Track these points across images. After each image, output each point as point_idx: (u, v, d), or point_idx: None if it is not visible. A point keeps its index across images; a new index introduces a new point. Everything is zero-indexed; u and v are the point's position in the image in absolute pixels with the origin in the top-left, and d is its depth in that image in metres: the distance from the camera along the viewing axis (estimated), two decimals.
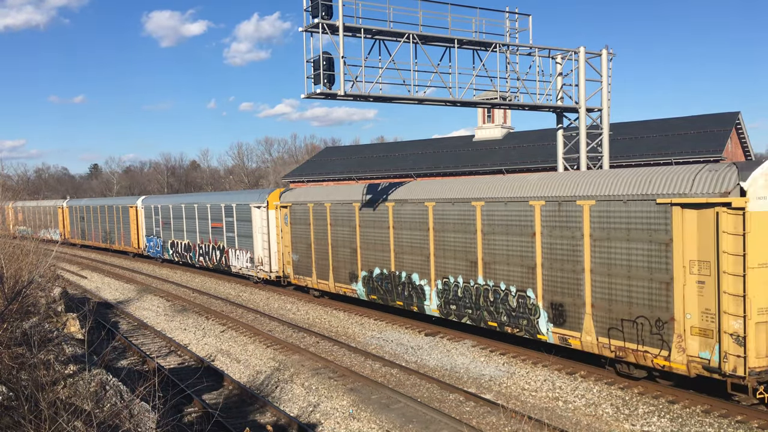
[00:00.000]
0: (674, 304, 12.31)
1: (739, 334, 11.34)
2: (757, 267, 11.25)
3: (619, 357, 13.49)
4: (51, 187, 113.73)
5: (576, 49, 20.53)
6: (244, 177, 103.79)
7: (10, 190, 55.02)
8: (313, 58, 16.60)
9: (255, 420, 12.79)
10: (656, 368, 12.86)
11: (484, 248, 16.56)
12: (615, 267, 13.38)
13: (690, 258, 12.08)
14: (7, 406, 8.63)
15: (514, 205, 15.62)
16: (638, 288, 12.97)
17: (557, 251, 14.66)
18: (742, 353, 11.31)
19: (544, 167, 37.84)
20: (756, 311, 11.26)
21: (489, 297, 16.58)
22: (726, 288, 11.48)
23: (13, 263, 16.33)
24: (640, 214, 12.81)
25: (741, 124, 39.94)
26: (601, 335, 13.75)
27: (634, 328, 13.09)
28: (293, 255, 25.49)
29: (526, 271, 15.48)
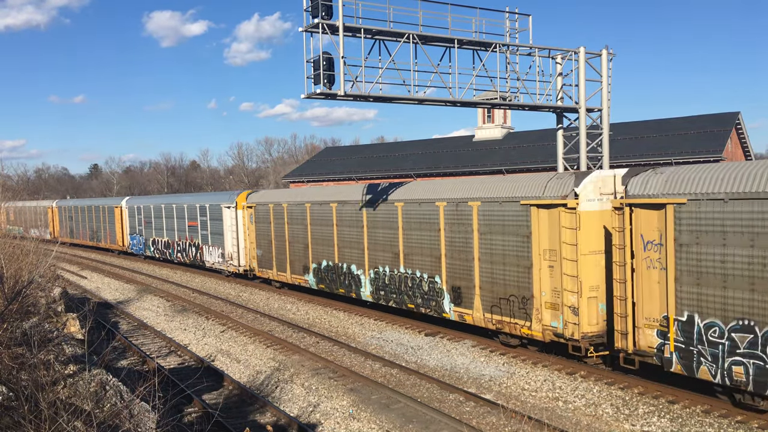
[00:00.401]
0: (533, 285, 15.34)
1: (575, 306, 14.34)
2: (587, 254, 14.22)
3: (498, 329, 16.51)
4: (51, 188, 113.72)
5: (576, 49, 20.52)
6: (244, 177, 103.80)
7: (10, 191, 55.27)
8: (313, 58, 16.59)
9: (255, 420, 12.79)
10: (524, 336, 15.85)
11: (405, 242, 19.57)
12: (495, 256, 16.46)
13: (543, 247, 15.11)
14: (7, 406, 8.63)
15: (426, 205, 18.59)
16: (510, 272, 16.03)
17: (456, 244, 17.67)
18: (577, 321, 14.30)
19: (544, 167, 37.85)
20: (587, 289, 14.27)
21: (408, 283, 19.51)
22: (565, 271, 14.50)
23: (13, 263, 16.33)
24: (511, 213, 15.89)
25: (741, 124, 39.95)
26: (486, 312, 16.80)
27: (508, 305, 16.16)
28: (257, 250, 28.13)
29: (434, 261, 18.43)
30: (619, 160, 33.97)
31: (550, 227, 14.91)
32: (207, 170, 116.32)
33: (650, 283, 12.77)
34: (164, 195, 53.55)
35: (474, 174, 43.45)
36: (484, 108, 47.44)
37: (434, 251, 18.36)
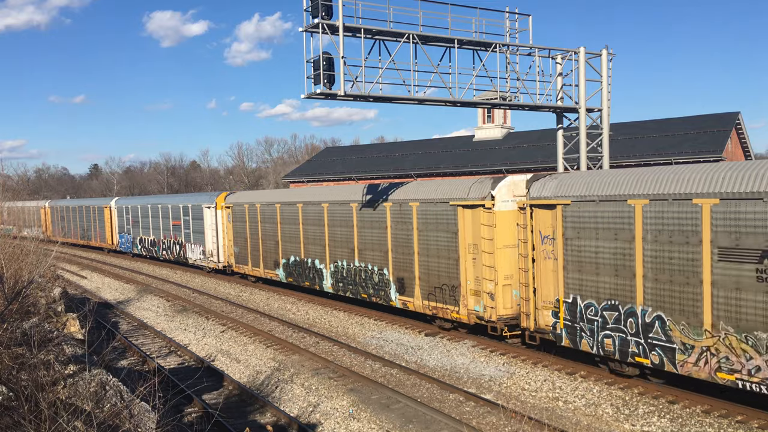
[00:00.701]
0: (460, 275, 17.61)
1: (492, 292, 16.62)
2: (502, 248, 16.47)
3: (434, 314, 18.73)
4: (51, 188, 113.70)
5: (576, 49, 20.53)
6: (244, 177, 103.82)
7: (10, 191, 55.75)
8: (313, 58, 16.59)
9: (255, 420, 12.79)
10: (454, 320, 18.15)
11: (359, 239, 21.63)
12: (430, 250, 18.70)
13: (468, 242, 17.37)
14: (7, 406, 8.63)
15: (375, 206, 20.79)
16: (443, 264, 18.26)
17: (399, 240, 19.90)
18: (494, 305, 16.64)
19: (544, 167, 37.85)
20: (502, 277, 16.55)
21: (362, 275, 21.61)
22: (484, 262, 16.77)
23: (13, 263, 16.33)
24: (443, 213, 18.09)
25: (741, 124, 39.94)
26: (425, 299, 19.04)
27: (441, 293, 18.39)
28: (235, 248, 30.39)
29: (383, 255, 20.64)
30: (619, 160, 33.98)
31: (473, 225, 17.20)
32: (207, 170, 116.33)
33: (547, 272, 15.18)
34: (150, 196, 56.62)
35: (474, 174, 43.45)
36: (484, 108, 47.44)
37: (383, 247, 20.63)
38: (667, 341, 12.47)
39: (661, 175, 12.68)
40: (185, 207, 35.03)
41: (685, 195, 11.97)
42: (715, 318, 11.70)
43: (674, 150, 36.37)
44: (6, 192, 45.74)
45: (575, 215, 14.21)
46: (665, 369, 12.57)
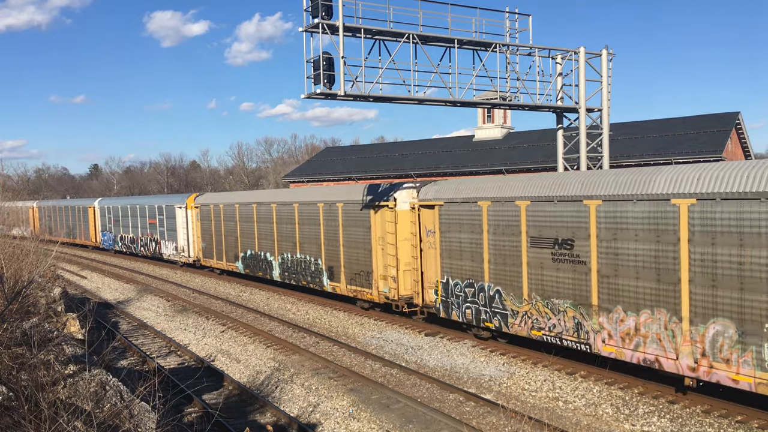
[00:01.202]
0: (373, 263, 21.08)
1: (395, 277, 20.18)
2: (402, 241, 19.90)
3: (356, 296, 22.16)
4: (51, 188, 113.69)
5: (576, 49, 20.53)
6: (244, 177, 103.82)
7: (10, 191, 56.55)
8: (313, 58, 16.60)
9: (255, 420, 12.79)
10: (369, 300, 21.52)
11: (300, 234, 25.19)
12: (351, 242, 22.15)
13: (378, 236, 20.89)
14: (7, 406, 8.63)
15: (312, 206, 24.28)
16: (361, 254, 21.70)
17: (329, 234, 23.31)
18: (396, 287, 20.17)
19: (544, 167, 37.86)
20: (402, 265, 20.02)
21: (302, 265, 25.13)
22: (389, 252, 20.32)
23: (13, 263, 16.33)
24: (359, 212, 21.57)
25: (741, 124, 39.94)
26: (348, 284, 22.45)
27: (360, 278, 21.81)
28: (202, 243, 33.54)
29: (318, 248, 24.03)
30: (619, 160, 33.99)
31: (381, 222, 20.64)
32: (207, 170, 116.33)
33: (430, 259, 18.75)
34: (130, 197, 60.60)
35: (474, 174, 43.44)
36: (484, 108, 47.44)
37: (317, 240, 24.04)
38: (503, 309, 16.21)
39: (500, 183, 16.46)
40: (160, 207, 38.02)
41: (509, 198, 15.77)
42: (529, 290, 15.36)
43: (674, 150, 36.37)
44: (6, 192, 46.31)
45: (447, 213, 17.84)
46: (503, 330, 16.25)
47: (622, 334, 13.28)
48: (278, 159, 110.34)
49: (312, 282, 24.41)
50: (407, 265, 19.85)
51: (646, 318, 12.80)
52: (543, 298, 14.95)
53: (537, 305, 15.11)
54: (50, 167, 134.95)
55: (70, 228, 53.22)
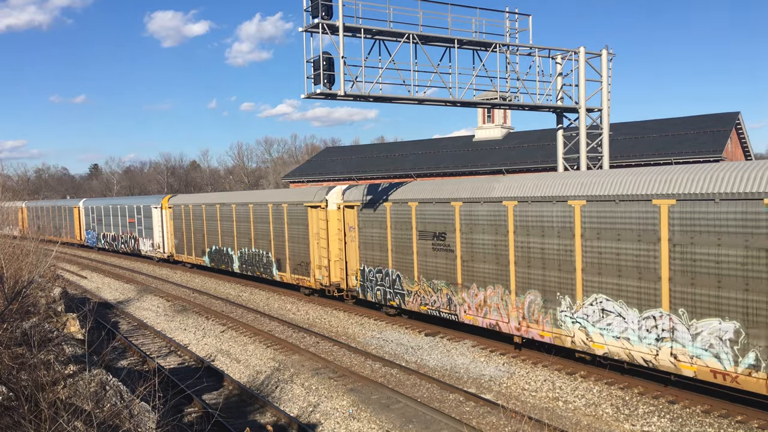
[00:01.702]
0: (310, 255, 24.57)
1: (327, 266, 23.56)
2: (332, 236, 23.25)
3: (298, 284, 25.71)
4: (51, 188, 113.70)
5: (576, 49, 20.52)
6: (244, 177, 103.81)
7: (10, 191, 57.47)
8: (313, 58, 16.59)
9: (255, 420, 12.79)
10: (308, 287, 25.30)
11: (254, 231, 28.66)
12: (295, 238, 25.60)
13: (314, 232, 24.28)
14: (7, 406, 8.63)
15: (263, 206, 27.81)
16: (302, 248, 25.15)
17: (277, 231, 26.83)
18: (328, 275, 23.62)
19: (544, 167, 37.85)
20: (333, 256, 23.40)
21: (257, 258, 28.63)
22: (322, 246, 23.74)
23: (13, 263, 16.33)
24: (299, 211, 25.17)
25: (741, 124, 39.93)
26: (292, 273, 25.96)
27: (301, 268, 25.27)
28: (175, 240, 36.81)
29: (268, 242, 27.55)
30: (619, 160, 33.98)
31: (317, 220, 23.93)
32: (207, 170, 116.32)
33: (352, 251, 22.17)
34: (112, 197, 64.09)
35: (474, 174, 43.44)
36: (484, 108, 47.41)
37: (267, 236, 27.49)
38: (402, 290, 19.91)
39: (401, 188, 19.96)
40: (138, 207, 41.37)
41: (404, 200, 19.45)
42: (418, 273, 19.08)
43: (674, 150, 36.36)
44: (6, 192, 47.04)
45: (363, 213, 21.37)
46: (402, 307, 19.98)
47: (476, 306, 17.13)
48: (278, 159, 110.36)
49: (264, 272, 28.02)
50: (336, 256, 23.23)
51: (490, 292, 16.65)
52: (427, 280, 18.82)
53: (423, 285, 19.02)
54: (50, 167, 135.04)
55: (56, 227, 55.75)
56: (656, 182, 12.72)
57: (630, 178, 13.29)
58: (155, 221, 38.68)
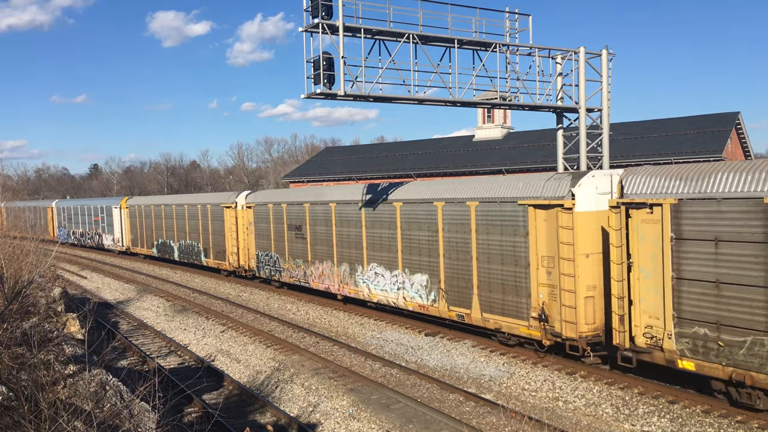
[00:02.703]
0: (226, 245, 30.89)
1: (237, 253, 30.10)
2: (241, 230, 29.74)
3: (218, 267, 32.18)
4: (51, 188, 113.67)
5: (576, 49, 20.52)
6: (244, 177, 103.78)
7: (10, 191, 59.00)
8: (313, 58, 16.58)
9: (255, 420, 12.79)
10: (225, 269, 31.47)
11: (189, 227, 34.99)
12: (216, 231, 31.87)
13: (228, 227, 30.57)
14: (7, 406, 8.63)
15: (194, 207, 34.32)
16: (220, 239, 31.53)
17: (205, 226, 33.18)
18: (237, 260, 30.26)
19: (544, 167, 37.84)
20: (240, 245, 29.85)
21: (190, 248, 35.00)
22: (234, 237, 30.11)
23: (13, 263, 16.33)
24: (218, 211, 31.52)
25: (741, 124, 39.94)
26: (214, 259, 32.48)
27: (221, 255, 31.62)
28: (131, 235, 43.36)
29: (198, 235, 34.11)
30: (619, 160, 33.97)
31: (230, 217, 30.49)
32: (207, 170, 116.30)
33: (252, 240, 28.82)
34: (80, 199, 69.77)
35: (474, 174, 43.43)
36: (484, 108, 47.43)
37: (197, 230, 34.14)
38: (280, 268, 26.91)
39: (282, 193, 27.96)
40: (101, 207, 47.71)
41: (278, 202, 26.72)
42: (288, 254, 26.08)
43: (674, 150, 36.37)
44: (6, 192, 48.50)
45: (257, 212, 28.40)
46: (280, 280, 27.06)
47: (318, 275, 24.21)
48: (278, 159, 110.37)
49: (196, 259, 34.54)
50: (243, 245, 30.02)
51: (325, 266, 23.71)
52: (293, 259, 25.75)
53: (291, 263, 25.96)
54: (50, 167, 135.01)
55: (32, 225, 59.27)
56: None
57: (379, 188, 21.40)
58: (115, 219, 45.14)
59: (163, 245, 38.49)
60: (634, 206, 12.78)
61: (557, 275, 14.73)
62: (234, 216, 30.06)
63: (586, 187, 14.32)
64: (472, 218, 17.05)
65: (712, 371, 11.68)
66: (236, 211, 29.91)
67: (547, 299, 15.09)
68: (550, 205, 14.80)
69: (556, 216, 14.72)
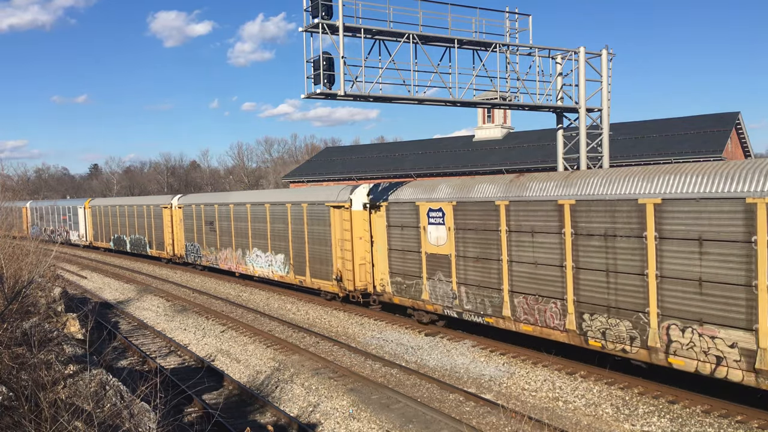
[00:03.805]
0: (164, 238, 38.42)
1: (172, 245, 37.56)
2: (176, 226, 37.13)
3: (159, 256, 39.13)
4: (51, 188, 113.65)
5: (576, 49, 20.52)
6: (244, 177, 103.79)
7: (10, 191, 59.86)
8: (313, 58, 16.59)
9: (255, 420, 12.80)
10: (164, 258, 38.93)
11: (137, 224, 41.96)
12: (157, 227, 39.01)
13: (166, 223, 37.97)
14: (8, 406, 8.63)
15: (141, 207, 41.07)
16: (160, 233, 38.69)
17: (149, 224, 40.06)
18: (173, 250, 37.69)
19: (544, 167, 37.85)
20: (176, 238, 37.30)
21: (139, 241, 41.92)
22: (169, 232, 37.95)
23: (13, 263, 16.32)
24: (158, 210, 38.60)
25: (741, 124, 39.94)
26: (157, 250, 39.41)
27: (162, 246, 38.61)
28: (93, 231, 50.11)
29: (144, 231, 41.00)
30: (619, 160, 33.98)
31: (168, 216, 37.21)
32: (207, 170, 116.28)
33: (180, 234, 36.14)
34: (50, 200, 74.76)
35: (474, 174, 43.43)
36: (484, 108, 47.42)
37: (143, 227, 41.23)
38: (201, 255, 33.61)
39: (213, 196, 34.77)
40: (69, 207, 55.06)
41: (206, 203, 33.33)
42: (206, 244, 32.97)
43: (674, 150, 36.37)
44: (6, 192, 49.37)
45: (185, 210, 35.29)
46: (202, 264, 33.91)
47: (224, 259, 31.52)
48: (278, 159, 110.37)
49: (143, 250, 41.46)
50: (177, 237, 36.50)
51: (228, 251, 31.09)
52: (209, 247, 32.85)
53: (207, 251, 33.06)
54: (50, 167, 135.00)
55: (9, 224, 63.85)
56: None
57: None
58: (80, 218, 52.28)
59: (118, 239, 46.02)
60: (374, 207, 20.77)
61: (345, 251, 22.20)
62: (170, 215, 37.08)
63: (357, 196, 21.71)
64: (304, 215, 24.82)
65: (403, 302, 19.85)
66: (171, 211, 36.97)
67: (341, 267, 22.58)
68: (340, 206, 22.45)
69: (341, 213, 22.40)
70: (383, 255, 20.32)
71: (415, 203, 18.91)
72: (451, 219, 17.57)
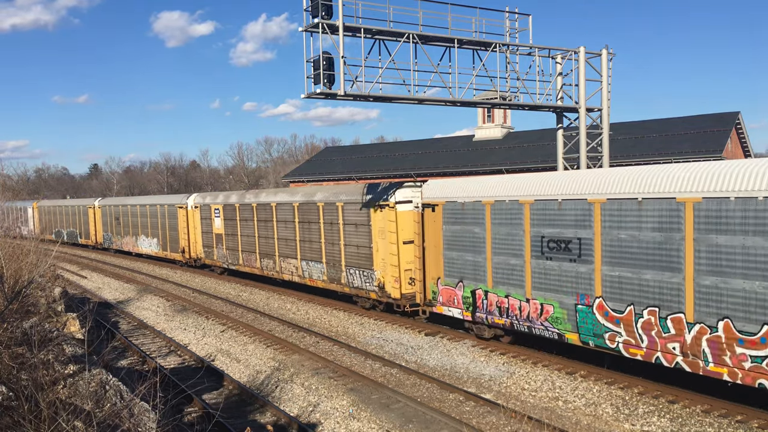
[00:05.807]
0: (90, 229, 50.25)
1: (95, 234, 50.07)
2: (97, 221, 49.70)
3: (86, 243, 51.12)
4: (51, 187, 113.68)
5: (576, 49, 20.53)
6: (244, 177, 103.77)
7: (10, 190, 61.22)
8: (313, 57, 16.59)
9: (255, 420, 12.79)
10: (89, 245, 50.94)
11: (72, 220, 52.53)
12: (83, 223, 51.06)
13: (91, 219, 49.83)
14: (7, 406, 8.62)
15: (74, 207, 52.36)
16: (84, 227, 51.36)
17: (80, 220, 51.45)
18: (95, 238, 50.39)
19: (544, 167, 37.83)
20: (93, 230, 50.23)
21: (73, 233, 51.90)
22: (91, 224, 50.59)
23: (13, 263, 16.32)
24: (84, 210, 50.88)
25: (741, 124, 39.94)
26: (84, 239, 51.14)
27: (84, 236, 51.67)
28: (40, 226, 57.18)
29: (76, 225, 52.12)
30: (619, 160, 33.97)
31: (92, 213, 48.39)
32: (207, 170, 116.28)
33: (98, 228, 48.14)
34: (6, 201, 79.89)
35: (474, 174, 43.42)
36: (484, 108, 47.44)
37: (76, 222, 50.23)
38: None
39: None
40: (21, 207, 62.19)
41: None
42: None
43: (674, 150, 36.37)
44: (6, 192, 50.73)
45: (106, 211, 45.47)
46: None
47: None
48: (278, 159, 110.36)
49: (76, 240, 50.84)
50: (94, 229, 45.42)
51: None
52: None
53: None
54: (50, 167, 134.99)
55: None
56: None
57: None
58: (29, 216, 61.10)
59: (58, 233, 55.16)
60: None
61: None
62: (92, 213, 46.78)
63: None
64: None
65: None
66: (95, 210, 46.47)
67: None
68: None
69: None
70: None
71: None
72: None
